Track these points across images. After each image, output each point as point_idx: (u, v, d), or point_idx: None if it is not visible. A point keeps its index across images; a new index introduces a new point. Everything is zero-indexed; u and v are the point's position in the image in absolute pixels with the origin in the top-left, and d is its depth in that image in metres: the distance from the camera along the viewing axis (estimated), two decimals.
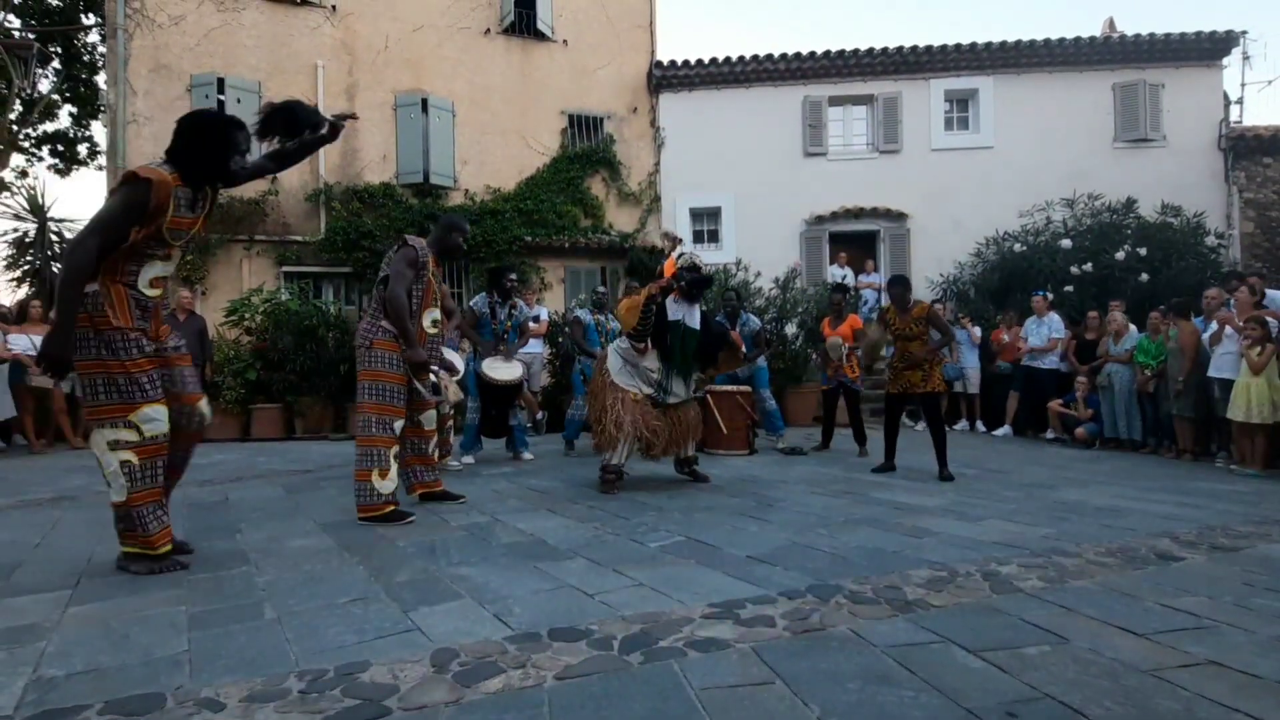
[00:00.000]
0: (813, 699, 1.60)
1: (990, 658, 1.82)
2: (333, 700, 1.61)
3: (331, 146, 10.66)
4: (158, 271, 2.65)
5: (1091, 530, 3.35)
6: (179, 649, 1.93)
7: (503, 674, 1.73)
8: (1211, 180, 11.40)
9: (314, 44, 10.91)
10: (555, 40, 11.93)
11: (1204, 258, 9.80)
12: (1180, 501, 4.19)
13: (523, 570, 2.66)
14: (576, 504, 3.99)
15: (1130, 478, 5.19)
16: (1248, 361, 5.53)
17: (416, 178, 11.07)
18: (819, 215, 11.80)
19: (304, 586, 2.45)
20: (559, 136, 11.83)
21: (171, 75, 10.30)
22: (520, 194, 11.49)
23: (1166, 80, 11.52)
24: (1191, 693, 1.62)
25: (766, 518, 3.61)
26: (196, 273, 9.92)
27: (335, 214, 10.63)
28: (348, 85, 11.04)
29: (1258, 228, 11.32)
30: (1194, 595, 2.34)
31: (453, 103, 11.38)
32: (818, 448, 6.64)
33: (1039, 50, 11.63)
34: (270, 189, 10.49)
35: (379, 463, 3.46)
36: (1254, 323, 5.55)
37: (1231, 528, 3.46)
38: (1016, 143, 11.62)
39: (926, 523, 3.49)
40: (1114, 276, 9.28)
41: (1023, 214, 10.85)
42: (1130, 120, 11.59)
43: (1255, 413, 5.44)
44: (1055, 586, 2.44)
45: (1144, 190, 10.54)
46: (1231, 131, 11.39)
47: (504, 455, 6.04)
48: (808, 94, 11.99)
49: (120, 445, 2.50)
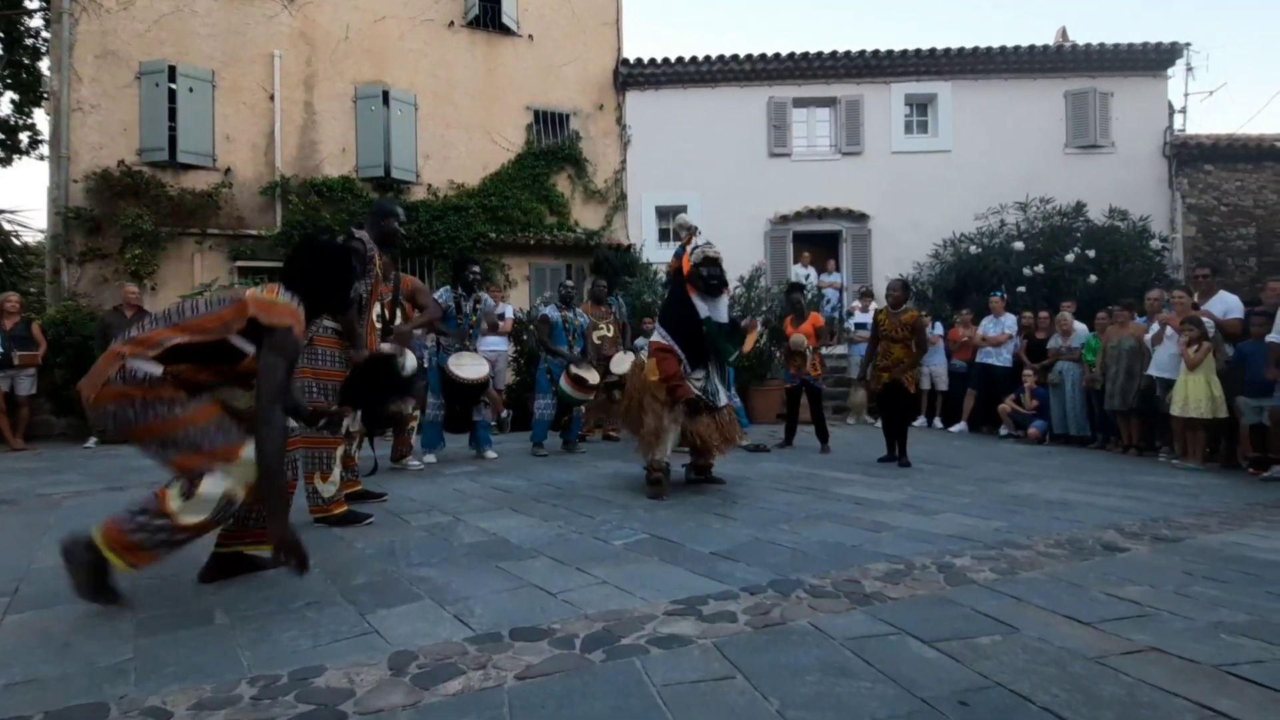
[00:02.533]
0: (773, 692, 1.62)
1: (944, 648, 1.87)
2: (286, 706, 1.57)
3: (287, 136, 10.58)
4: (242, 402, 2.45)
5: (1042, 523, 3.46)
6: (123, 657, 1.86)
7: (462, 675, 1.71)
8: (1156, 186, 11.88)
9: (271, 33, 10.60)
10: (520, 35, 11.81)
11: (1149, 260, 10.22)
12: (1125, 495, 4.36)
13: (485, 570, 2.63)
14: (540, 503, 3.97)
15: (1079, 472, 5.38)
16: (1185, 359, 5.78)
17: (377, 172, 10.85)
18: (783, 215, 11.94)
19: (256, 590, 2.38)
20: (524, 132, 11.72)
21: (119, 62, 9.88)
22: (485, 190, 11.35)
23: (1115, 89, 11.96)
24: (1134, 678, 1.69)
25: (730, 514, 3.63)
26: (145, 268, 9.55)
27: (292, 208, 10.34)
28: (306, 76, 10.75)
29: (1199, 231, 11.83)
30: (1137, 585, 2.44)
31: (415, 96, 11.17)
32: (781, 445, 6.72)
33: (995, 57, 11.96)
34: (223, 181, 10.17)
35: (320, 465, 3.39)
36: (1190, 323, 5.82)
37: (1173, 519, 3.61)
38: (973, 147, 11.93)
39: (885, 517, 3.56)
40: (1064, 278, 9.61)
41: (978, 216, 11.16)
42: (1081, 127, 11.99)
43: (1193, 408, 5.69)
44: (1007, 578, 2.52)
45: (1093, 195, 10.93)
46: (1175, 139, 11.88)
47: (467, 454, 5.96)
48: (773, 95, 12.11)
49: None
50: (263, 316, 2.23)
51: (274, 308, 2.26)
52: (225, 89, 10.34)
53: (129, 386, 2.12)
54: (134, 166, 9.76)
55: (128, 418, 2.14)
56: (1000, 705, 1.56)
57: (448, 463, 5.57)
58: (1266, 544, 3.10)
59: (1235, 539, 3.20)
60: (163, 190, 9.80)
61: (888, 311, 5.76)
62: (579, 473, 5.10)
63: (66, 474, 5.29)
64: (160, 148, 9.89)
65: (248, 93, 10.46)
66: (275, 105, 10.50)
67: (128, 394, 2.13)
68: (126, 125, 9.86)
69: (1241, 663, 1.78)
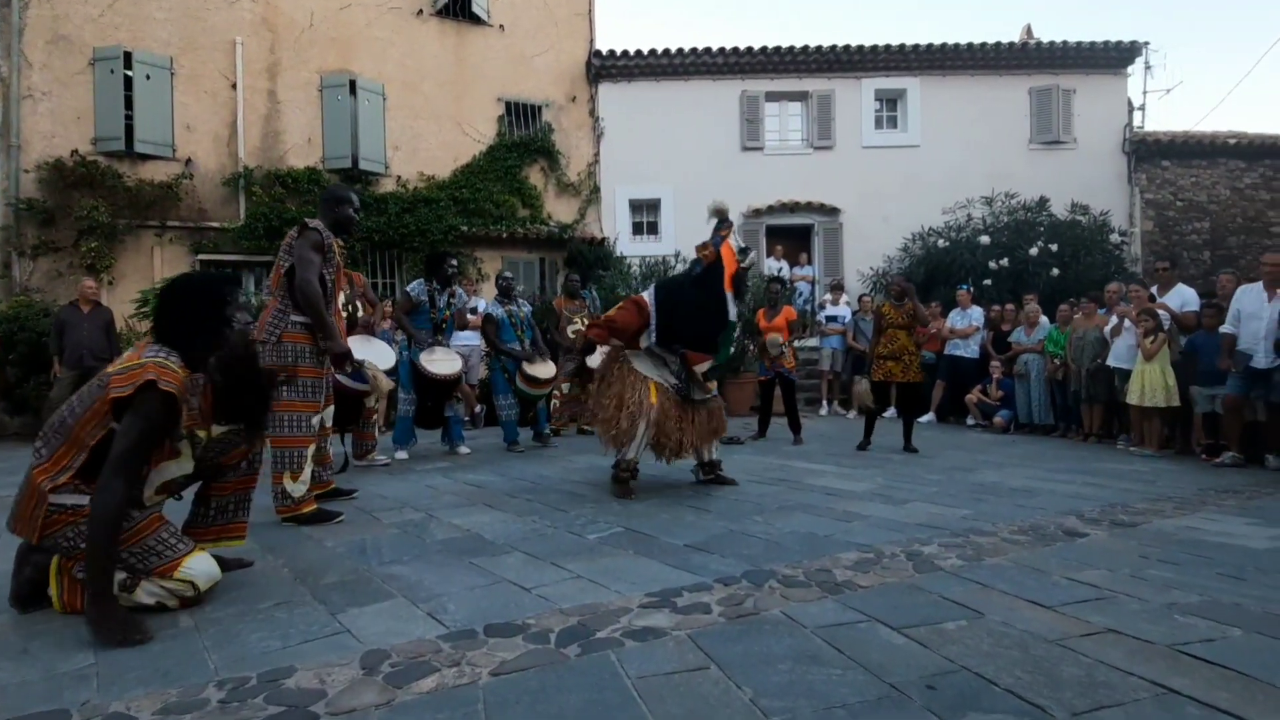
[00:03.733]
0: (746, 681, 1.64)
1: (912, 634, 1.91)
2: (255, 709, 1.54)
3: (250, 126, 10.31)
4: (172, 473, 2.31)
5: (1006, 510, 3.55)
6: (84, 663, 1.81)
7: (436, 673, 1.70)
8: (1116, 181, 12.21)
9: (232, 19, 10.30)
10: (491, 25, 11.66)
11: (1109, 254, 10.51)
12: (1086, 481, 4.50)
13: (458, 567, 2.61)
14: (514, 498, 3.95)
15: (1042, 460, 5.53)
16: (1141, 350, 5.98)
17: (344, 163, 10.63)
18: (756, 209, 12.00)
19: (223, 592, 2.33)
20: (496, 124, 11.59)
21: (72, 47, 9.52)
22: (456, 182, 11.21)
23: (1078, 86, 12.24)
24: (1092, 659, 1.74)
25: (704, 506, 3.66)
26: (102, 261, 9.25)
27: (256, 199, 10.10)
28: (269, 64, 10.48)
29: (1156, 226, 12.20)
30: (1096, 569, 2.52)
31: (383, 85, 10.97)
32: (755, 437, 6.78)
33: (962, 53, 12.15)
34: (184, 172, 9.88)
35: (290, 465, 3.33)
36: (1146, 315, 6.02)
37: (1130, 505, 3.73)
38: (941, 142, 12.12)
39: (856, 507, 3.62)
40: (1028, 271, 9.84)
41: (946, 211, 11.35)
42: (1045, 123, 12.26)
43: (1149, 397, 5.89)
44: (973, 564, 2.58)
45: (1056, 190, 11.19)
46: (1134, 136, 12.21)
47: (439, 450, 5.91)
48: (745, 89, 12.15)
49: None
50: (118, 391, 2.03)
51: (125, 375, 2.05)
52: (184, 77, 10.03)
53: (64, 514, 2.05)
54: (88, 156, 9.43)
55: (81, 535, 2.05)
56: (966, 688, 1.60)
57: (420, 459, 5.52)
58: (1218, 527, 3.22)
59: (1188, 523, 3.32)
60: (119, 181, 9.49)
61: (891, 304, 6.09)
62: (553, 467, 5.09)
63: (20, 475, 5.11)
64: (116, 137, 9.56)
65: (208, 81, 10.16)
66: (238, 94, 10.22)
67: (66, 520, 2.05)
68: (80, 113, 9.51)
69: (1193, 641, 1.85)
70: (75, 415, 2.11)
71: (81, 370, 6.81)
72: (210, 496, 2.54)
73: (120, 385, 2.04)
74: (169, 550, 2.17)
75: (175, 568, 2.16)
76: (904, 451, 5.79)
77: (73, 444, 2.10)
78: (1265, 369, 5.06)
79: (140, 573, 2.13)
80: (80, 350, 7.07)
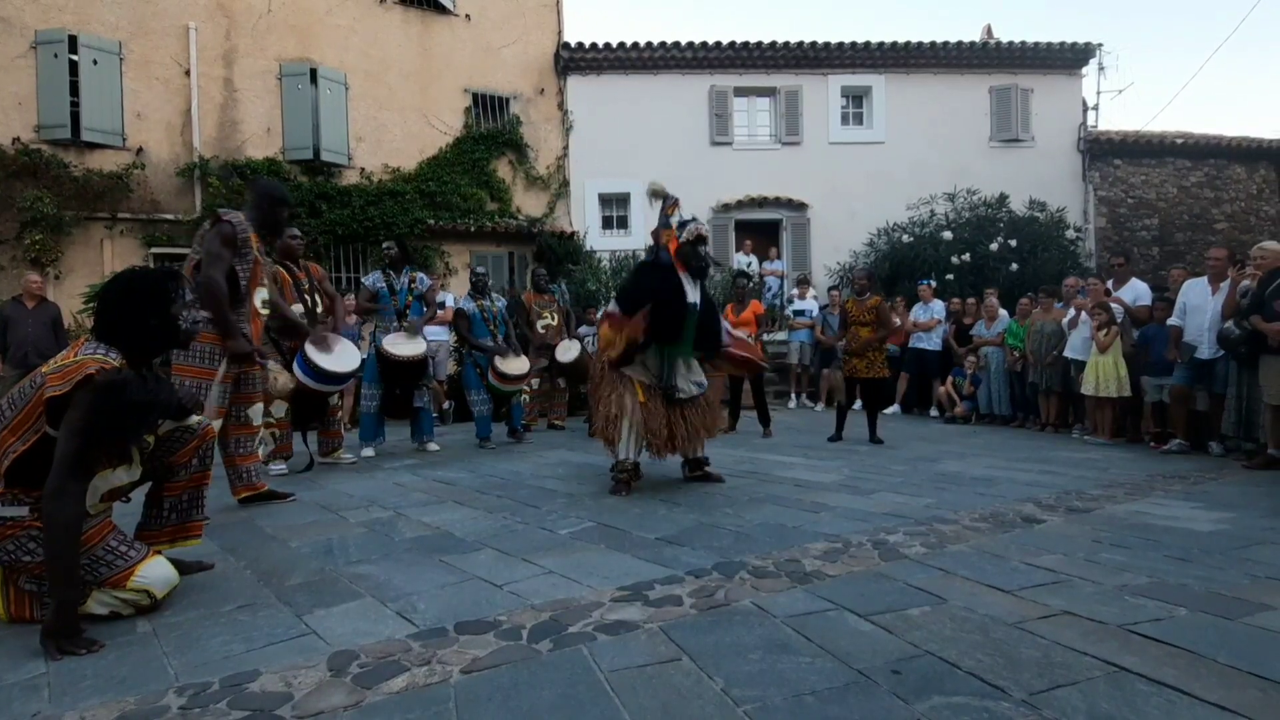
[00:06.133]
0: (717, 672, 1.66)
1: (878, 620, 1.95)
2: (218, 714, 1.51)
3: (206, 115, 9.96)
4: (120, 479, 2.17)
5: (968, 499, 3.65)
6: (35, 672, 1.74)
7: (406, 672, 1.68)
8: (1071, 179, 12.58)
9: (184, 3, 9.93)
10: (457, 14, 11.47)
11: (1064, 249, 10.85)
12: (1043, 470, 4.64)
13: (427, 565, 2.58)
14: (485, 494, 3.92)
15: (1001, 449, 5.69)
16: (1095, 342, 6.19)
17: (306, 154, 10.37)
18: (725, 203, 12.07)
19: (182, 595, 2.26)
20: (463, 116, 11.43)
21: (12, 30, 9.09)
22: (422, 175, 11.03)
23: (1035, 85, 12.56)
24: (1049, 641, 1.81)
25: (675, 500, 3.68)
26: (47, 254, 8.87)
27: (213, 191, 9.78)
28: (225, 50, 10.15)
29: (1109, 222, 12.62)
30: (1052, 554, 2.61)
31: (345, 75, 10.72)
32: (725, 430, 6.82)
33: (925, 52, 12.36)
34: (135, 162, 9.52)
35: (241, 448, 3.35)
36: (1100, 308, 6.23)
37: (1085, 492, 3.87)
38: (906, 139, 12.32)
39: (824, 498, 3.68)
40: (989, 266, 10.10)
41: (910, 206, 11.56)
42: (1004, 121, 12.56)
43: (1103, 388, 6.10)
44: (936, 552, 2.65)
45: (1015, 186, 11.49)
46: (1089, 135, 12.60)
47: (408, 446, 5.82)
48: (714, 84, 12.18)
49: None
50: (54, 390, 1.91)
51: (62, 374, 1.93)
52: (134, 62, 9.65)
53: (3, 527, 1.95)
54: (31, 144, 9.03)
55: (27, 549, 1.96)
56: (930, 672, 1.64)
57: (387, 456, 5.43)
58: (1165, 511, 3.36)
59: (1138, 508, 3.46)
60: (65, 170, 9.11)
61: (854, 300, 6.17)
62: (524, 463, 5.05)
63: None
64: (61, 124, 9.17)
65: (160, 67, 9.80)
66: (192, 81, 9.89)
67: (4, 533, 1.96)
68: (22, 99, 9.10)
69: (1143, 621, 1.93)
70: (5, 420, 1.99)
71: (26, 369, 6.52)
72: (163, 497, 2.46)
73: (57, 384, 1.93)
74: (119, 559, 2.10)
75: (128, 577, 2.08)
76: (870, 443, 5.89)
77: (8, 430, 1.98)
78: (1209, 359, 5.28)
79: (90, 584, 2.05)
80: (25, 348, 6.78)
